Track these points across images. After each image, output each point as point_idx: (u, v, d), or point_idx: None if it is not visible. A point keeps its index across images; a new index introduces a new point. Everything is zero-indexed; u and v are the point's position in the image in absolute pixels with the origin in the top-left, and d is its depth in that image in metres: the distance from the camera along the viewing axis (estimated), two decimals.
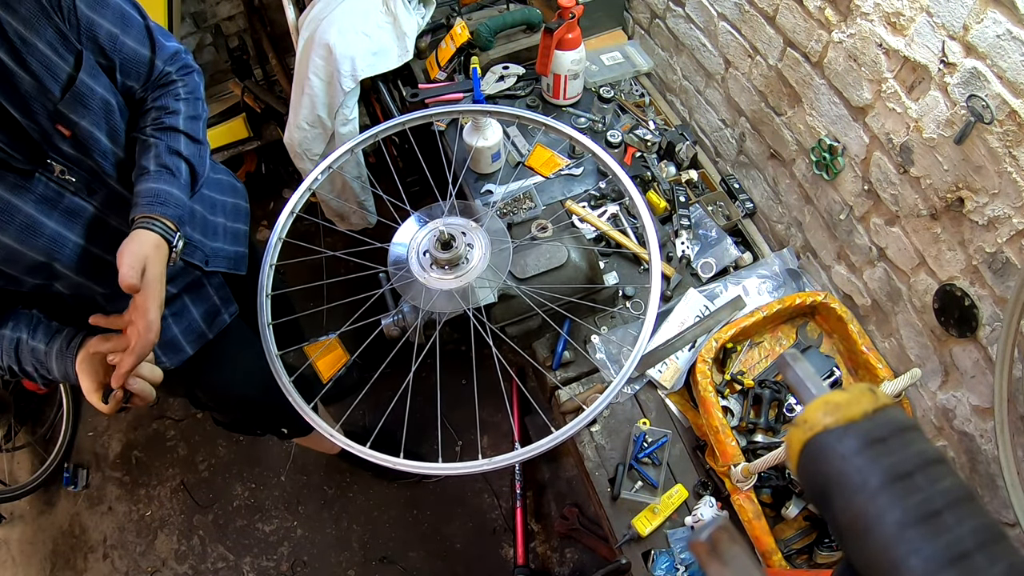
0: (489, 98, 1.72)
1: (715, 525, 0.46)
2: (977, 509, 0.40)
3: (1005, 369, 0.92)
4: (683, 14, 1.60)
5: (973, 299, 1.01)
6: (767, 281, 1.46)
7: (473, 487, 2.21)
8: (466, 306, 1.10)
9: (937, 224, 1.05)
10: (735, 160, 1.63)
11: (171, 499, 2.29)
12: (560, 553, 2.08)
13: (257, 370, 1.10)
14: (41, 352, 0.98)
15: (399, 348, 1.14)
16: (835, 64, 1.16)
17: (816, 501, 0.45)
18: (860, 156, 1.18)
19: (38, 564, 2.24)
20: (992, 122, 0.87)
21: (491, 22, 1.74)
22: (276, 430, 1.66)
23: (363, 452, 0.99)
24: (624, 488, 1.23)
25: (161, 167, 1.00)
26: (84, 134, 0.92)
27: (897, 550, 0.38)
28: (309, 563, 2.14)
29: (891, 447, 0.42)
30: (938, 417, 1.18)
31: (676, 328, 1.38)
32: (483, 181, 1.63)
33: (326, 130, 1.80)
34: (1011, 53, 0.82)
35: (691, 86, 1.70)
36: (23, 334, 0.98)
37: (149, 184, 0.98)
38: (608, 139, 1.66)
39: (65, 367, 0.97)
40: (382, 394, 1.22)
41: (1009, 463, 0.94)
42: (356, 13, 1.73)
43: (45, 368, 0.99)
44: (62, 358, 0.97)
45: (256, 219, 2.85)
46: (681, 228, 1.51)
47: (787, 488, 1.18)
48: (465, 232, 1.11)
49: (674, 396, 1.35)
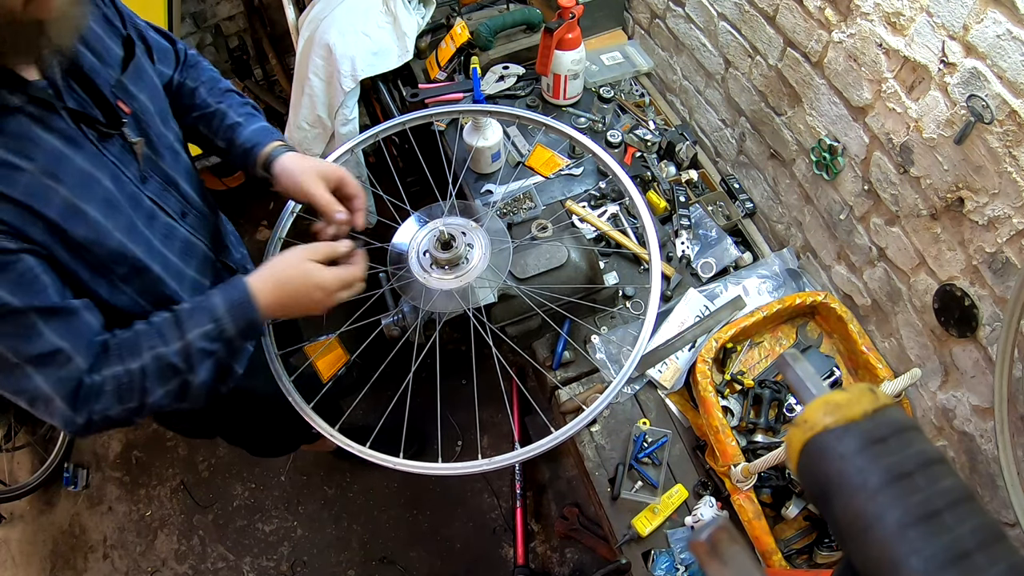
0: (489, 98, 1.72)
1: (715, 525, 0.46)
2: (977, 509, 0.40)
3: (1005, 369, 0.92)
4: (683, 14, 1.60)
5: (973, 299, 1.01)
6: (767, 281, 1.46)
7: (473, 487, 2.21)
8: (466, 306, 1.10)
9: (937, 224, 1.05)
10: (735, 160, 1.63)
11: (171, 499, 2.29)
12: (560, 553, 2.08)
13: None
14: (205, 321, 0.88)
15: (399, 348, 1.14)
16: (835, 64, 1.16)
17: (816, 501, 0.45)
18: (860, 156, 1.18)
19: (38, 564, 2.24)
20: (992, 122, 0.87)
21: (491, 22, 1.74)
22: (308, 435, 1.65)
23: (363, 452, 0.99)
24: (624, 488, 1.23)
25: (246, 115, 1.08)
26: (142, 109, 0.94)
27: (897, 550, 0.39)
28: (309, 563, 2.14)
29: (891, 447, 0.42)
30: (938, 417, 1.18)
31: (676, 328, 1.38)
32: (483, 181, 1.63)
33: (326, 130, 1.80)
34: (1011, 53, 0.82)
35: (691, 86, 1.70)
36: (163, 347, 0.87)
37: (251, 126, 1.07)
38: (608, 139, 1.66)
39: (239, 292, 0.90)
40: (382, 394, 1.22)
41: (1009, 463, 0.94)
42: (356, 13, 1.73)
43: (216, 335, 0.89)
44: (227, 289, 0.91)
45: (256, 219, 2.86)
46: (681, 228, 1.51)
47: (787, 488, 1.18)
48: (465, 232, 1.11)
49: (674, 396, 1.35)
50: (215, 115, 1.08)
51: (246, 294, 0.91)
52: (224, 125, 1.07)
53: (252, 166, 1.06)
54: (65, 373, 0.81)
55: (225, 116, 1.08)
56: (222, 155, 1.12)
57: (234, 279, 0.93)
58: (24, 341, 0.78)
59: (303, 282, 0.93)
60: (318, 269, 0.94)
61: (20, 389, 0.80)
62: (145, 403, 0.86)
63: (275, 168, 1.03)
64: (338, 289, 0.95)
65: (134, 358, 0.85)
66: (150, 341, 0.86)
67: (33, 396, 0.81)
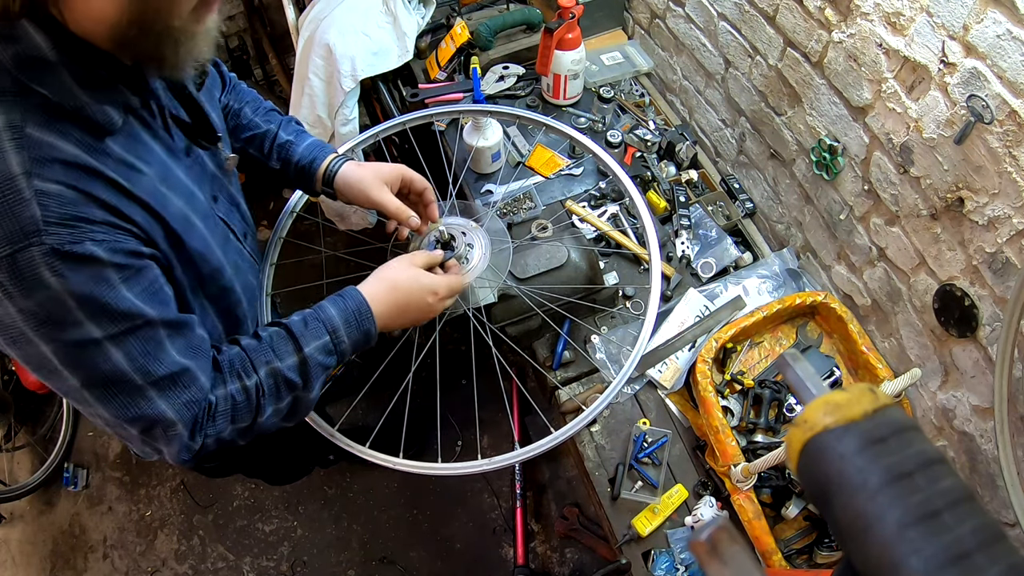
0: (489, 98, 1.72)
1: (715, 525, 0.46)
2: (977, 509, 0.40)
3: (1005, 369, 0.92)
4: (683, 14, 1.60)
5: (973, 299, 1.01)
6: (767, 281, 1.46)
7: (473, 487, 2.21)
8: (466, 306, 1.10)
9: (937, 224, 1.05)
10: (735, 160, 1.63)
11: (171, 499, 2.29)
12: (560, 553, 2.08)
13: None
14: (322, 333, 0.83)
15: (399, 348, 1.14)
16: (835, 64, 1.16)
17: (816, 501, 0.45)
18: (860, 156, 1.18)
19: (38, 564, 2.24)
20: (992, 122, 0.87)
21: (491, 22, 1.74)
22: (323, 459, 1.61)
23: (363, 452, 0.99)
24: (624, 488, 1.23)
25: (295, 132, 1.08)
26: (218, 127, 0.93)
27: (897, 550, 0.38)
28: (309, 563, 2.14)
29: (891, 447, 0.42)
30: (938, 417, 1.18)
31: (676, 328, 1.38)
32: (483, 181, 1.63)
33: (326, 130, 1.80)
34: (1011, 53, 0.82)
35: (691, 86, 1.70)
36: (278, 362, 0.81)
37: (304, 143, 1.06)
38: (608, 139, 1.66)
39: (354, 302, 0.87)
40: (382, 394, 1.22)
41: (1009, 463, 0.94)
42: (356, 13, 1.73)
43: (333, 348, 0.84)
44: (338, 300, 0.87)
45: (256, 219, 2.85)
46: (681, 228, 1.51)
47: (787, 488, 1.18)
48: (465, 232, 1.11)
49: (674, 396, 1.35)
50: (266, 135, 1.06)
51: (362, 303, 0.87)
52: (276, 145, 1.06)
53: (312, 182, 1.05)
54: (189, 396, 0.74)
55: (276, 136, 1.06)
56: (274, 175, 1.09)
57: (345, 289, 0.89)
58: (152, 360, 0.70)
59: (416, 287, 0.91)
60: (426, 274, 0.93)
61: (137, 416, 0.71)
62: (257, 422, 0.80)
63: (337, 182, 1.03)
64: (447, 295, 0.95)
65: (247, 375, 0.79)
66: (264, 356, 0.81)
67: (151, 423, 0.72)
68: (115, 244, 0.66)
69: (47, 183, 0.61)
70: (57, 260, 0.61)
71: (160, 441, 0.74)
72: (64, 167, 0.63)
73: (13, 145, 0.60)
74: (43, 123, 0.62)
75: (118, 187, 0.67)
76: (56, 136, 0.63)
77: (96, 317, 0.65)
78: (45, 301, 0.62)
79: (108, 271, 0.65)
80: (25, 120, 0.61)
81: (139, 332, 0.69)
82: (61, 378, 0.67)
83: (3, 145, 0.59)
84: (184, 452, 0.75)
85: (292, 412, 0.85)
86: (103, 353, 0.67)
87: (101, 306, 0.65)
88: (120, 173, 0.68)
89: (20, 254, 0.59)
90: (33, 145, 0.61)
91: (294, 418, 0.86)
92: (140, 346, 0.69)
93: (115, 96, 0.68)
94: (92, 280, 0.64)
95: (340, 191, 1.04)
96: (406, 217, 0.99)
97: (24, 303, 0.61)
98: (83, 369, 0.67)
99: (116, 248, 0.66)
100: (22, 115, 0.60)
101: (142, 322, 0.69)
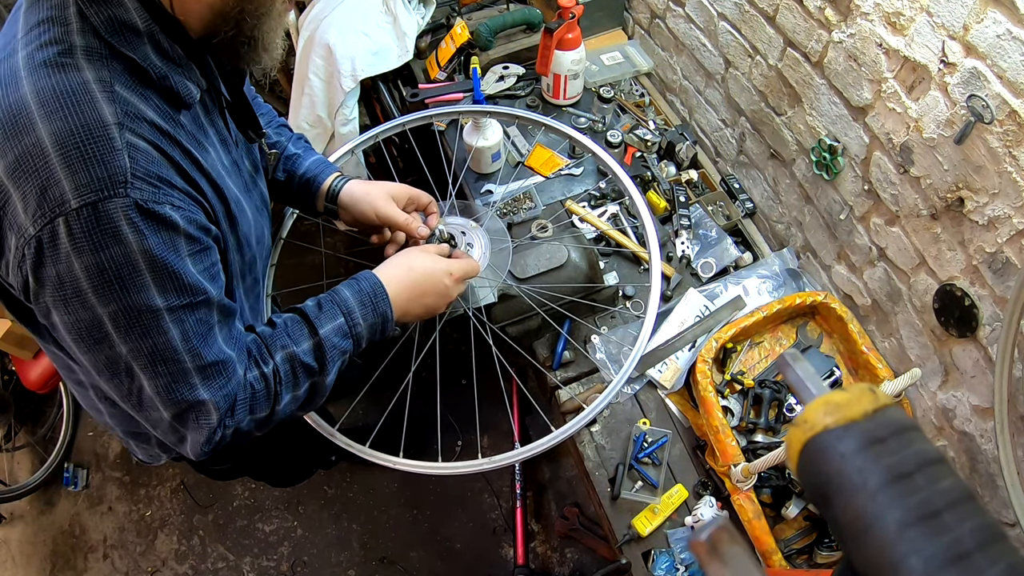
0: (489, 98, 1.72)
1: (715, 525, 0.46)
2: (977, 509, 0.40)
3: (1005, 369, 0.92)
4: (683, 14, 1.60)
5: (973, 299, 1.01)
6: (767, 281, 1.46)
7: (473, 487, 2.21)
8: (466, 306, 1.10)
9: (937, 224, 1.05)
10: (735, 160, 1.63)
11: (171, 499, 2.29)
12: (560, 553, 2.08)
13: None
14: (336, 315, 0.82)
15: (399, 348, 1.14)
16: (835, 64, 1.16)
17: (816, 501, 0.45)
18: (860, 156, 1.18)
19: (38, 564, 2.24)
20: (992, 122, 0.87)
21: (491, 22, 1.74)
22: (325, 460, 1.63)
23: (363, 452, 0.99)
24: (624, 488, 1.23)
25: (303, 148, 1.10)
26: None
27: (897, 550, 0.38)
28: (309, 563, 2.14)
29: (891, 447, 0.42)
30: (938, 417, 1.18)
31: (676, 328, 1.38)
32: (483, 181, 1.63)
33: (326, 130, 1.80)
34: (1011, 53, 0.82)
35: (691, 86, 1.70)
36: (294, 347, 0.80)
37: (310, 158, 1.07)
38: (608, 139, 1.66)
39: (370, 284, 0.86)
40: (382, 394, 1.22)
41: (1009, 463, 0.94)
42: (356, 13, 1.73)
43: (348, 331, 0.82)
44: (353, 282, 0.86)
45: None
46: (681, 228, 1.51)
47: (787, 488, 1.18)
48: (465, 232, 1.11)
49: (674, 396, 1.35)
50: (275, 147, 1.07)
51: (377, 284, 0.86)
52: (284, 156, 1.07)
53: (313, 197, 1.05)
54: (230, 388, 0.72)
55: (285, 148, 1.07)
56: (276, 187, 1.08)
57: (360, 273, 0.87)
58: (203, 343, 0.69)
59: (433, 266, 0.91)
60: (441, 257, 0.94)
61: (178, 399, 0.69)
62: (275, 411, 0.78)
63: (342, 198, 1.03)
64: (462, 277, 0.95)
65: (264, 362, 0.77)
66: (279, 340, 0.79)
67: (189, 408, 0.70)
68: (190, 215, 0.66)
69: (137, 138, 0.62)
70: (138, 215, 0.60)
71: (190, 428, 0.72)
72: (151, 127, 0.64)
73: (105, 97, 0.61)
74: (129, 85, 0.64)
75: (192, 159, 0.69)
76: (140, 100, 0.64)
77: (162, 284, 0.64)
78: (115, 257, 0.61)
79: (180, 240, 0.65)
80: (113, 79, 0.62)
81: (197, 311, 0.68)
82: (106, 345, 0.65)
83: (96, 96, 0.60)
84: (207, 444, 0.73)
85: (309, 400, 0.83)
86: (159, 325, 0.65)
87: (170, 274, 0.64)
88: (193, 146, 0.69)
89: (104, 203, 0.59)
90: (122, 100, 0.62)
91: (310, 406, 0.85)
92: (195, 326, 0.68)
93: (190, 75, 0.70)
94: (165, 245, 0.63)
95: (345, 206, 1.04)
96: (415, 229, 1.01)
97: (92, 259, 0.60)
98: (136, 338, 0.65)
99: (191, 219, 0.66)
100: (111, 74, 0.62)
101: (202, 299, 0.68)
